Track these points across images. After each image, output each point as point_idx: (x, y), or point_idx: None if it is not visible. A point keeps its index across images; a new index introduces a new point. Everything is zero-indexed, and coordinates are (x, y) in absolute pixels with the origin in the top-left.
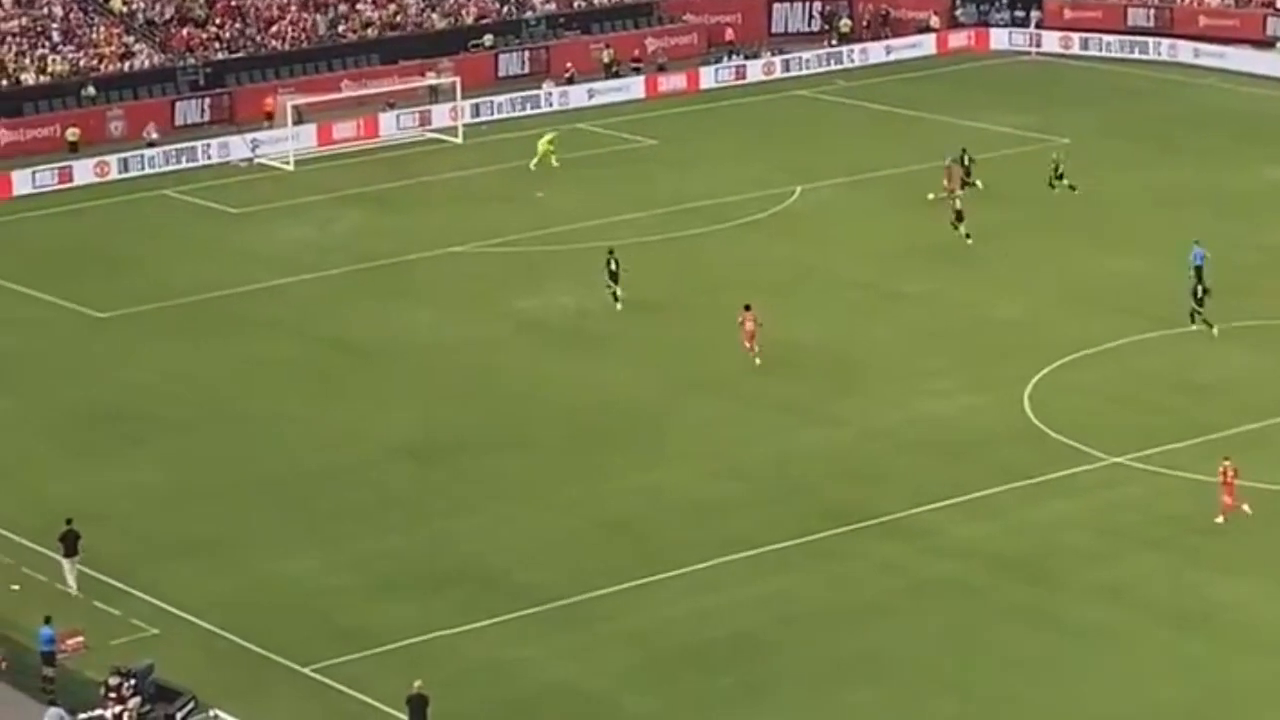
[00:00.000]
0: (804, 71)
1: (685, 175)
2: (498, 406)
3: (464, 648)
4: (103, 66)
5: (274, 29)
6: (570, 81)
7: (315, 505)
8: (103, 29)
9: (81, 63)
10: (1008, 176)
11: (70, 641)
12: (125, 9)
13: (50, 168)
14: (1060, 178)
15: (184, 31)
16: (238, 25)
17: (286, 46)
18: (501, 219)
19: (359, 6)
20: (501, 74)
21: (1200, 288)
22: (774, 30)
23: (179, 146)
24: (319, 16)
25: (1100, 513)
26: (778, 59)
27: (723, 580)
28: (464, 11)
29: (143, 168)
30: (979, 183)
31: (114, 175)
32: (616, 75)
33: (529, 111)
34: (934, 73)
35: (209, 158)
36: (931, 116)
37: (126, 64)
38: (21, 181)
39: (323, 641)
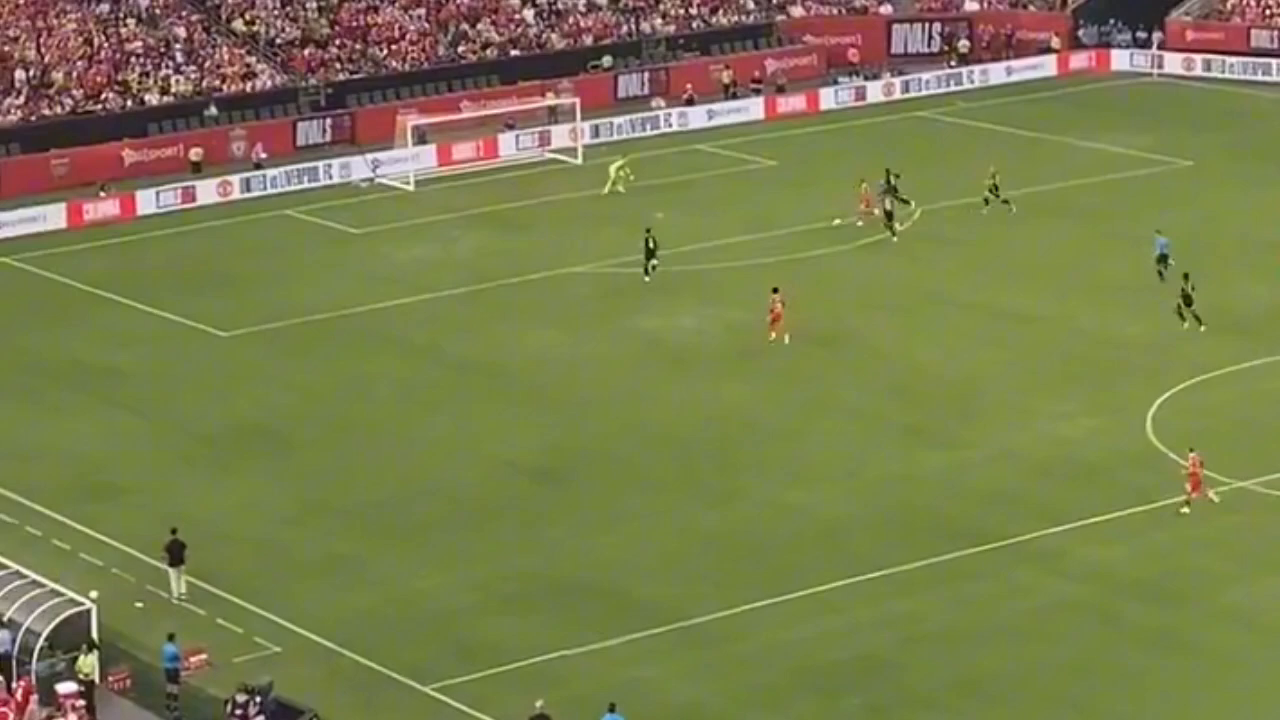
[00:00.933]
0: (924, 92)
1: (805, 196)
2: (620, 425)
3: (587, 667)
4: (225, 87)
5: (395, 49)
6: (689, 103)
7: (437, 522)
8: (225, 49)
9: (204, 83)
10: (1130, 198)
11: (194, 659)
12: (248, 30)
13: (174, 187)
14: (995, 192)
15: (305, 52)
16: (359, 46)
17: (407, 67)
18: (621, 239)
19: (479, 27)
20: (621, 95)
21: (1187, 287)
22: (893, 51)
23: (301, 166)
24: (439, 37)
25: (1226, 536)
26: (897, 80)
27: (847, 601)
28: (583, 32)
29: (265, 188)
30: (912, 203)
31: (237, 195)
32: (735, 96)
33: (648, 132)
34: (1055, 94)
35: (330, 178)
36: (1052, 138)
37: (249, 84)
38: (146, 201)
39: (444, 660)
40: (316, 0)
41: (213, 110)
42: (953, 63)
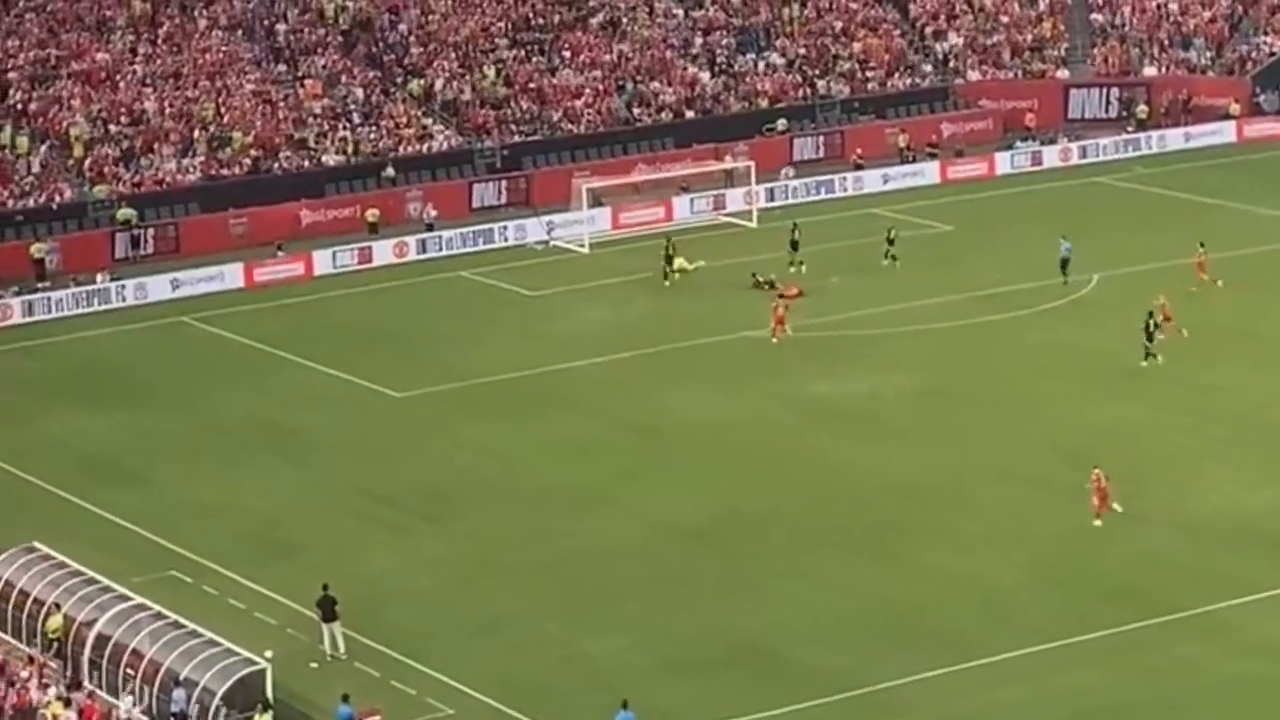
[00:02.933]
0: (1101, 158)
1: (982, 261)
2: (789, 489)
3: None
4: (401, 148)
5: (570, 111)
6: (858, 168)
7: (607, 584)
8: (402, 110)
9: (381, 144)
10: None
11: None
12: (424, 91)
13: (350, 248)
14: (891, 244)
15: (482, 114)
16: (535, 108)
17: (582, 129)
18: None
19: (654, 89)
20: (796, 158)
21: (1150, 323)
22: (1070, 116)
23: (476, 228)
24: (615, 99)
25: None
26: (1075, 145)
27: (1018, 672)
28: (759, 95)
29: (440, 249)
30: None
31: (412, 256)
32: (911, 160)
33: (823, 196)
34: (1234, 160)
35: (505, 239)
36: (1232, 205)
37: (425, 145)
38: (323, 261)
39: None
40: (493, 62)
41: (390, 171)
42: (1130, 128)
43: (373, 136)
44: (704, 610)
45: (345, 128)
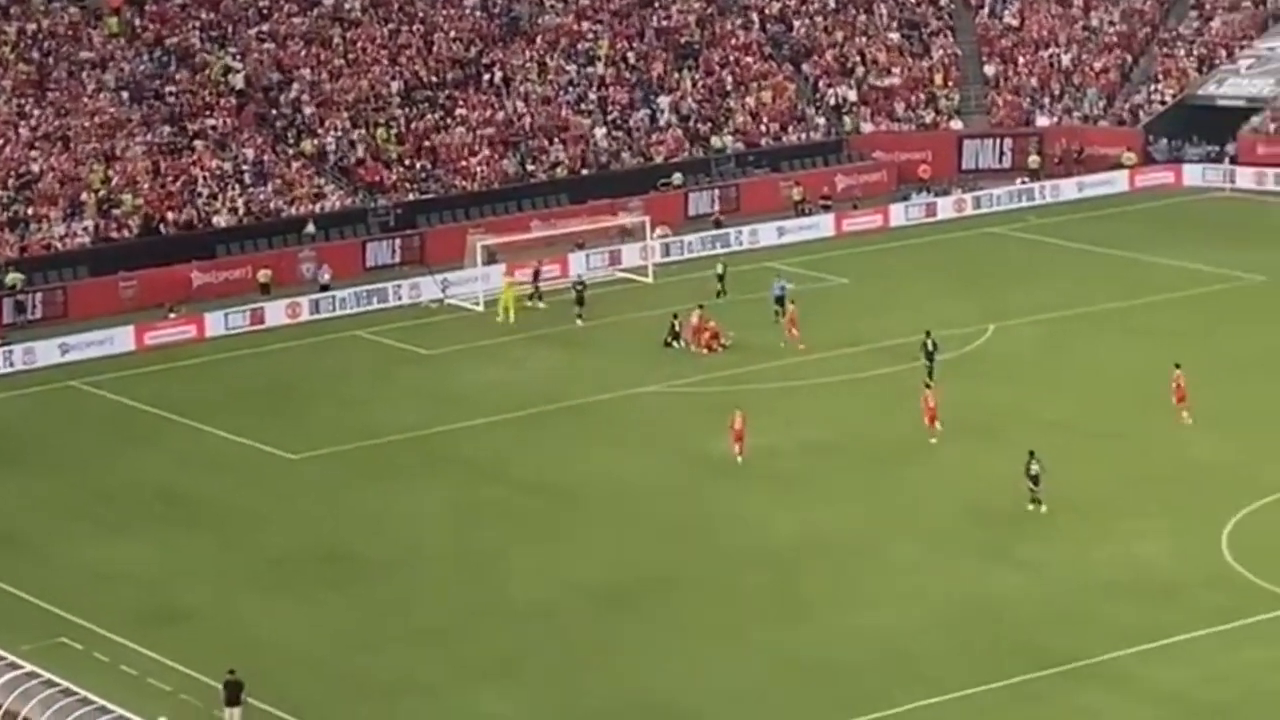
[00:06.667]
0: (995, 208)
1: (876, 314)
2: (690, 547)
3: None
4: (294, 208)
5: (464, 169)
6: (717, 225)
7: (507, 647)
8: (294, 170)
9: (273, 204)
10: (1203, 315)
11: None
12: (316, 151)
13: (243, 309)
14: (721, 282)
15: (374, 173)
16: (428, 166)
17: (476, 187)
18: (693, 359)
19: (548, 146)
20: (691, 213)
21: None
22: (964, 167)
23: (370, 288)
24: (509, 157)
25: None
26: (969, 196)
27: None
28: (653, 150)
29: (334, 309)
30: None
31: (305, 316)
32: (806, 213)
33: (718, 250)
34: (1127, 209)
35: (399, 299)
36: (1125, 254)
37: (318, 205)
38: (214, 323)
39: None
40: (386, 121)
41: (311, 229)
42: (1024, 179)
43: (263, 197)
44: (613, 673)
45: (236, 188)
